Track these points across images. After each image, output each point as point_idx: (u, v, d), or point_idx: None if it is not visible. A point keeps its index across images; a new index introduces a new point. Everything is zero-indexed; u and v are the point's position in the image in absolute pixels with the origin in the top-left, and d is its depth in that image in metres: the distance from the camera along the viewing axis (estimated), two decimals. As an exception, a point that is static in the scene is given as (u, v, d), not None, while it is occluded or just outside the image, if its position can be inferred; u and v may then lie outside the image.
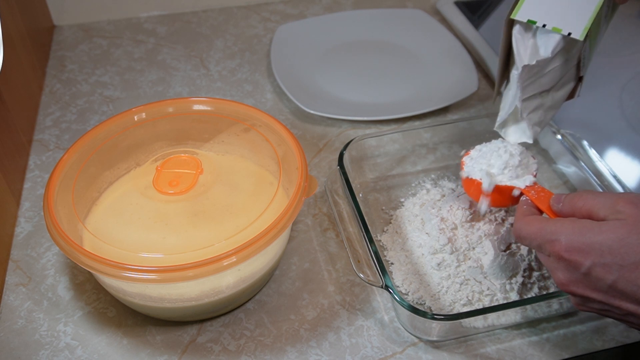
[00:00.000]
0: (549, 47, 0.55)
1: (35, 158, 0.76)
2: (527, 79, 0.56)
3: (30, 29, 0.85)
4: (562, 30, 0.54)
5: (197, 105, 0.67)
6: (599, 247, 0.44)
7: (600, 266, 0.44)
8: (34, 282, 0.63)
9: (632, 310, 0.44)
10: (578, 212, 0.48)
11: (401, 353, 0.57)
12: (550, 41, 0.54)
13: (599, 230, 0.44)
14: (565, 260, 0.46)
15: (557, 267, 0.47)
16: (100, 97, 0.85)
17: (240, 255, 0.52)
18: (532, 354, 0.57)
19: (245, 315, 0.60)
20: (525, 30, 0.56)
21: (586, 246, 0.44)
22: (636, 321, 0.45)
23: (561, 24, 0.54)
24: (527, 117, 0.58)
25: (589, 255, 0.44)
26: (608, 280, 0.44)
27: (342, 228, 0.62)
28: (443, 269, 0.59)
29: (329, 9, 1.03)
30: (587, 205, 0.47)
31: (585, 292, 0.46)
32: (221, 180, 0.62)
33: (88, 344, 0.58)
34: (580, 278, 0.46)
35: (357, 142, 0.69)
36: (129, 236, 0.57)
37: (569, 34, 0.54)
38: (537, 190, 0.54)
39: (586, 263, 0.44)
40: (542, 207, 0.52)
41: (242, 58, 0.93)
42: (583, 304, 0.48)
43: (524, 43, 0.56)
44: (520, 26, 0.56)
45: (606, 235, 0.44)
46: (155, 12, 1.01)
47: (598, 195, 0.47)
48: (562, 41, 0.54)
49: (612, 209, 0.45)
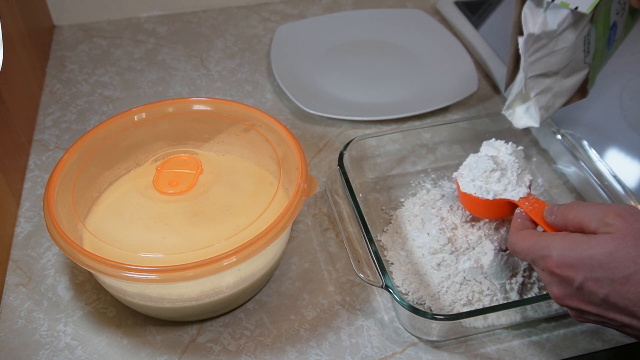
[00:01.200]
0: (556, 20, 0.56)
1: (35, 158, 0.76)
2: (534, 53, 0.56)
3: (30, 29, 0.85)
4: (570, 5, 0.55)
5: (197, 105, 0.67)
6: (589, 262, 0.44)
7: (592, 281, 0.44)
8: (34, 282, 0.63)
9: (626, 322, 0.45)
10: (570, 225, 0.48)
11: (401, 353, 0.57)
12: (558, 15, 0.56)
13: (588, 245, 0.45)
14: (557, 276, 0.46)
15: (551, 282, 0.47)
16: (100, 97, 0.85)
17: (240, 255, 0.52)
18: (532, 354, 0.57)
19: (245, 315, 0.60)
20: (536, 5, 0.57)
21: (577, 261, 0.45)
22: (632, 332, 0.46)
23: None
24: (535, 98, 0.58)
25: (580, 270, 0.45)
26: (600, 294, 0.44)
27: (342, 228, 0.62)
28: (443, 269, 0.59)
29: (329, 9, 1.03)
30: (578, 218, 0.47)
31: (580, 305, 0.46)
32: (221, 180, 0.62)
33: (88, 344, 0.58)
34: (573, 292, 0.46)
35: (357, 142, 0.69)
36: (129, 236, 0.57)
37: (576, 7, 0.55)
38: (532, 202, 0.54)
39: (578, 278, 0.45)
40: (536, 219, 0.52)
41: (242, 58, 0.93)
42: (580, 316, 0.48)
43: (533, 18, 0.57)
44: (532, 2, 0.56)
45: (596, 250, 0.44)
46: (155, 12, 1.01)
47: (588, 207, 0.47)
48: (571, 17, 0.56)
49: (602, 222, 0.45)
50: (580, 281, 0.45)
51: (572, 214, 0.48)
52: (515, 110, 0.61)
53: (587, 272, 0.44)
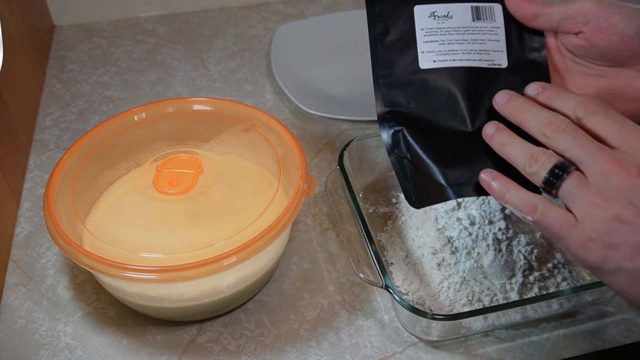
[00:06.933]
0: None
1: (35, 158, 0.76)
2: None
3: (30, 29, 0.85)
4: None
5: (197, 105, 0.67)
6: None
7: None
8: (34, 282, 0.63)
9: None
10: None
11: (401, 353, 0.57)
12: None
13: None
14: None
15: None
16: (100, 97, 0.85)
17: (240, 255, 0.52)
18: (532, 354, 0.57)
19: (245, 315, 0.60)
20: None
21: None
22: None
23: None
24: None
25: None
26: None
27: (342, 228, 0.62)
28: (443, 269, 0.59)
29: (329, 9, 1.03)
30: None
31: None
32: (221, 180, 0.62)
33: (88, 344, 0.58)
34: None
35: (357, 142, 0.69)
36: (129, 236, 0.57)
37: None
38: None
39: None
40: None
41: (242, 58, 0.93)
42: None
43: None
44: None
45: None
46: (155, 12, 1.01)
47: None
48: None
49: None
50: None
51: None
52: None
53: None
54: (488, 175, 0.50)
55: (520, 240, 0.59)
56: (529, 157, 0.47)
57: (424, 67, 0.55)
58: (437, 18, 0.56)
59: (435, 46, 0.55)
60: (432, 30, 0.56)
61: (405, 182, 0.54)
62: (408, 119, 0.55)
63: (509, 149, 0.49)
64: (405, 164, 0.54)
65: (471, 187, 0.52)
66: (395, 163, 0.54)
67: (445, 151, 0.54)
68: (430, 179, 0.53)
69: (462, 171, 0.53)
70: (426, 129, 0.55)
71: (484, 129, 0.52)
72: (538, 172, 0.46)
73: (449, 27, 0.56)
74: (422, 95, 0.55)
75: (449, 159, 0.53)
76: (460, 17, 0.56)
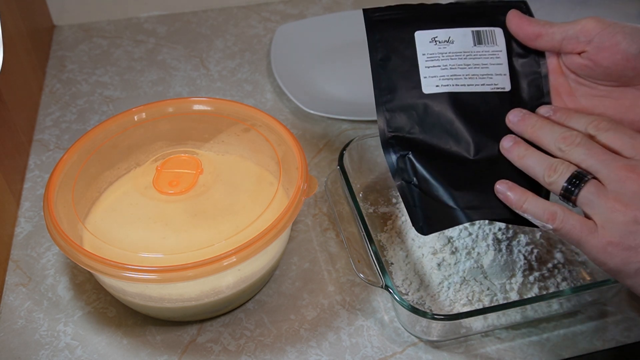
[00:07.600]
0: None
1: (35, 158, 0.76)
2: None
3: (30, 29, 0.85)
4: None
5: (197, 105, 0.67)
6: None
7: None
8: (34, 282, 0.63)
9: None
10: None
11: (401, 353, 0.57)
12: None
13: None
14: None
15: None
16: (100, 97, 0.85)
17: (240, 255, 0.52)
18: (532, 354, 0.57)
19: (245, 315, 0.60)
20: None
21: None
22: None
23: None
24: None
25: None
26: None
27: (342, 228, 0.62)
28: (443, 269, 0.59)
29: (329, 9, 1.03)
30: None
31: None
32: (221, 180, 0.62)
33: (88, 344, 0.58)
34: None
35: (357, 142, 0.69)
36: (129, 236, 0.57)
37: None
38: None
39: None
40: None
41: (242, 58, 0.93)
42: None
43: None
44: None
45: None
46: (155, 12, 1.01)
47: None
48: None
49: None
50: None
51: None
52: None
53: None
54: (504, 186, 0.51)
55: (520, 240, 0.59)
56: (547, 168, 0.48)
57: (427, 92, 0.55)
58: (439, 43, 0.56)
59: (437, 71, 0.55)
60: (433, 55, 0.55)
61: (413, 208, 0.53)
62: (413, 143, 0.55)
63: (527, 161, 0.50)
64: (412, 189, 0.54)
65: (483, 210, 0.52)
66: (401, 188, 0.54)
67: (453, 175, 0.54)
68: (439, 203, 0.53)
69: (473, 194, 0.53)
70: (432, 153, 0.54)
71: (501, 143, 0.52)
72: (557, 181, 0.47)
73: (450, 52, 0.55)
74: (426, 120, 0.55)
75: (459, 182, 0.53)
76: (462, 41, 0.56)
